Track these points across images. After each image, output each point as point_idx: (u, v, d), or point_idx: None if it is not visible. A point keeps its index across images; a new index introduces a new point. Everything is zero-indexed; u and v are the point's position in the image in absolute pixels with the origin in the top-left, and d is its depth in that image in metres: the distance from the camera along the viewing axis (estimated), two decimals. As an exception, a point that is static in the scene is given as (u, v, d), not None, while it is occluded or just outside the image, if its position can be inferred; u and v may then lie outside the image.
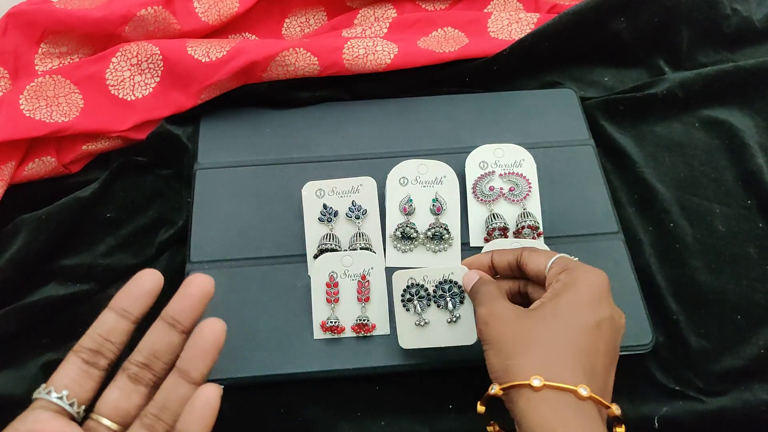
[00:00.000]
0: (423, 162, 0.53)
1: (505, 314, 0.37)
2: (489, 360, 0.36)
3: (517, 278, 0.44)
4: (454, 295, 0.45)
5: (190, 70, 0.54)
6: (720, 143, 0.60)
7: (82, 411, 0.32)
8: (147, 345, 0.33)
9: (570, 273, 0.38)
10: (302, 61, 0.56)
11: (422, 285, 0.46)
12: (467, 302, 0.45)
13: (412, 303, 0.46)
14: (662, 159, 0.59)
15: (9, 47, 0.54)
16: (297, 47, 0.55)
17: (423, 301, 0.46)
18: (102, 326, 0.33)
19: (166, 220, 0.54)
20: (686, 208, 0.56)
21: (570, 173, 0.55)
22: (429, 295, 0.46)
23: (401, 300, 0.46)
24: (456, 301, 0.45)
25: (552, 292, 0.37)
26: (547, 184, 0.54)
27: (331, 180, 0.52)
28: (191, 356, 0.32)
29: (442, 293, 0.45)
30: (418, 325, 0.46)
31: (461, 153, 0.55)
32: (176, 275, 0.51)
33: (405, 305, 0.46)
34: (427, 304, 0.46)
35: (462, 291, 0.45)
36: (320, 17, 0.65)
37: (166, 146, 0.56)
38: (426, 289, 0.46)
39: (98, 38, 0.56)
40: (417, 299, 0.46)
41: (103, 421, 0.32)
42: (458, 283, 0.45)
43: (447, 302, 0.45)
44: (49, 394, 0.31)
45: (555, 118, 0.59)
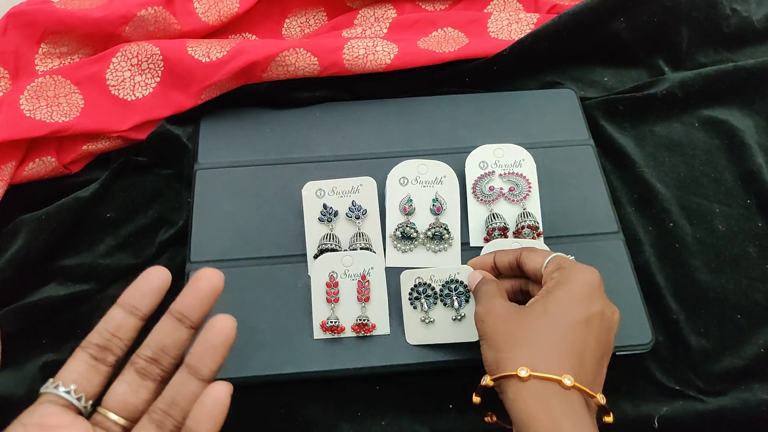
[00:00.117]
0: (423, 162, 0.53)
1: (500, 311, 0.39)
2: (483, 354, 0.38)
3: (519, 277, 0.45)
4: (460, 294, 0.47)
5: (191, 70, 0.54)
6: (720, 143, 0.60)
7: (90, 406, 0.32)
8: (155, 340, 0.33)
9: (563, 271, 0.39)
10: (302, 61, 0.56)
11: (429, 284, 0.48)
12: (472, 301, 0.47)
13: (420, 301, 0.47)
14: (662, 159, 0.59)
15: (9, 47, 0.54)
16: (297, 47, 0.55)
17: (430, 300, 0.47)
18: (110, 322, 0.33)
19: (166, 220, 0.54)
20: (686, 208, 0.56)
21: (570, 173, 0.55)
22: (436, 294, 0.47)
23: (409, 298, 0.47)
24: (462, 300, 0.47)
25: (545, 290, 0.39)
26: (547, 184, 0.54)
27: (331, 180, 0.52)
28: (201, 352, 0.32)
29: (449, 292, 0.47)
30: (424, 323, 0.47)
31: (461, 153, 0.55)
32: (176, 275, 0.50)
33: (412, 303, 0.47)
34: (434, 303, 0.47)
35: (467, 290, 0.47)
36: (320, 17, 0.65)
37: (166, 146, 0.56)
38: (433, 288, 0.48)
39: (98, 38, 0.56)
40: (424, 297, 0.47)
41: (110, 416, 0.32)
42: (464, 283, 0.47)
43: (453, 300, 0.47)
44: (57, 389, 0.31)
45: (555, 118, 0.59)
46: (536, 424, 0.33)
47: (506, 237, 0.51)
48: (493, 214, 0.52)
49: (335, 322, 0.47)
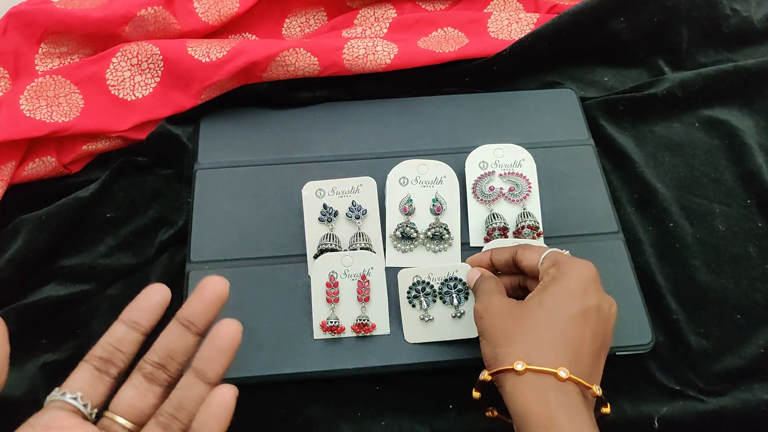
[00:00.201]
0: (423, 162, 0.53)
1: (498, 307, 0.40)
2: (483, 349, 0.39)
3: (516, 274, 0.45)
4: (459, 292, 0.47)
5: (191, 70, 0.54)
6: (720, 143, 0.60)
7: (95, 413, 0.32)
8: (162, 345, 0.34)
9: (559, 267, 0.40)
10: (302, 61, 0.56)
11: (428, 282, 0.48)
12: (471, 298, 0.47)
13: (419, 299, 0.48)
14: (662, 159, 0.59)
15: (9, 47, 0.54)
16: (297, 47, 0.55)
17: (429, 298, 0.48)
18: (113, 336, 0.33)
19: (166, 220, 0.54)
20: (686, 208, 0.56)
21: (570, 173, 0.55)
22: (435, 292, 0.48)
23: (407, 297, 0.48)
24: (461, 297, 0.47)
25: (542, 285, 0.40)
26: (547, 184, 0.54)
27: (331, 180, 0.52)
28: (207, 356, 0.32)
29: (448, 290, 0.47)
30: (423, 321, 0.47)
31: (461, 153, 0.55)
32: (176, 275, 0.51)
33: (411, 302, 0.48)
34: (433, 300, 0.48)
35: (466, 287, 0.47)
36: (320, 17, 0.65)
37: (166, 146, 0.56)
38: (432, 286, 0.48)
39: (98, 38, 0.56)
40: (423, 296, 0.48)
41: (118, 420, 0.32)
42: (463, 280, 0.48)
43: (453, 298, 0.47)
44: (64, 396, 0.32)
45: (555, 118, 0.59)
46: (533, 417, 0.34)
47: (506, 237, 0.51)
48: (493, 214, 0.52)
49: (335, 322, 0.47)
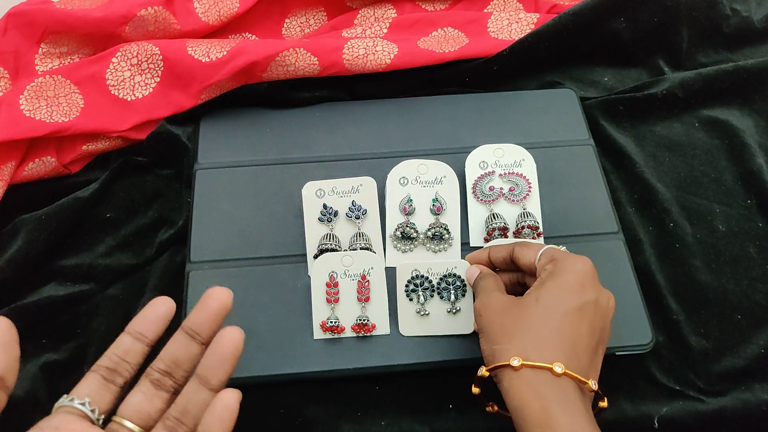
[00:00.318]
0: (423, 162, 0.53)
1: (496, 305, 0.40)
2: (482, 346, 0.40)
3: (515, 271, 0.46)
4: (457, 288, 0.48)
5: (191, 70, 0.54)
6: (720, 143, 0.60)
7: (102, 419, 0.33)
8: (168, 354, 0.35)
9: (556, 263, 0.40)
10: (302, 61, 0.56)
11: (426, 277, 0.48)
12: (468, 295, 0.48)
13: (416, 293, 0.48)
14: (662, 159, 0.59)
15: (9, 47, 0.54)
16: (297, 47, 0.55)
17: (426, 292, 0.48)
18: (119, 347, 0.34)
19: (166, 220, 0.54)
20: (686, 208, 0.56)
21: (570, 173, 0.55)
22: (433, 287, 0.48)
23: (405, 290, 0.48)
24: (458, 294, 0.48)
25: (539, 282, 0.40)
26: (547, 184, 0.54)
27: (331, 180, 0.52)
28: (211, 363, 0.33)
29: (447, 285, 0.48)
30: (419, 315, 0.47)
31: (461, 153, 0.55)
32: (176, 275, 0.51)
33: (408, 295, 0.48)
34: (431, 295, 0.48)
35: (464, 284, 0.48)
36: (320, 17, 0.65)
37: (166, 146, 0.56)
38: (430, 281, 0.48)
39: (98, 38, 0.56)
40: (421, 290, 0.48)
41: (126, 424, 0.33)
42: (461, 277, 0.48)
43: (450, 294, 0.48)
44: (72, 401, 0.32)
45: (555, 118, 0.59)
46: (528, 411, 0.35)
47: (506, 237, 0.51)
48: (493, 214, 0.52)
49: (335, 322, 0.47)
